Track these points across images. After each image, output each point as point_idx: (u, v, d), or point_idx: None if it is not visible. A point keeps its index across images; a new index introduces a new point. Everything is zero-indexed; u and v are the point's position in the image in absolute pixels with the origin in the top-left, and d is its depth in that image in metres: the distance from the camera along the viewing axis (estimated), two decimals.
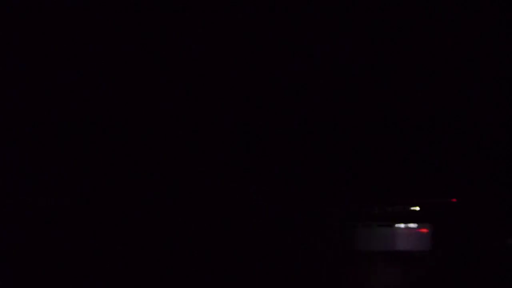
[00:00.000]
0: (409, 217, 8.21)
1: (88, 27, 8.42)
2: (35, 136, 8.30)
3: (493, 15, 8.32)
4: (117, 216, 8.30)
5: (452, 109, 8.10)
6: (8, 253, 7.88)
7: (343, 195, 8.00)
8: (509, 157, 8.08)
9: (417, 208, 8.14)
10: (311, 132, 8.16)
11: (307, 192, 8.00)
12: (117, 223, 8.27)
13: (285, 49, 8.49)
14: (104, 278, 7.99)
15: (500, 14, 8.28)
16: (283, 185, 8.05)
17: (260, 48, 8.51)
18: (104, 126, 8.42)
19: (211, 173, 8.37)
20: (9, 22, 8.31)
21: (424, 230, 8.24)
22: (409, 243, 8.26)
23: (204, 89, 8.54)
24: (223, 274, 7.88)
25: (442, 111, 8.12)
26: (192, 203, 8.33)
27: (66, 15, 8.39)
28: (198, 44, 8.51)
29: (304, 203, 8.00)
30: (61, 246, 8.04)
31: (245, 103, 8.46)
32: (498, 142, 8.05)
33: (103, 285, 7.94)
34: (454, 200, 8.10)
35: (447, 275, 7.77)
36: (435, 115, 8.12)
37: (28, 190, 8.16)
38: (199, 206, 8.33)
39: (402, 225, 8.24)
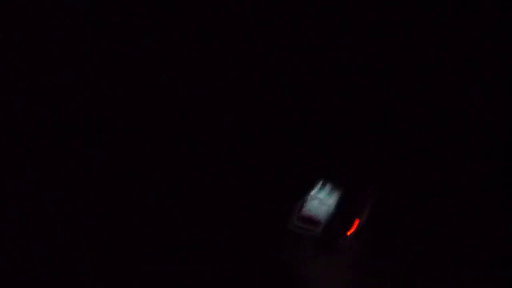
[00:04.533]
0: None
1: (87, 27, 8.45)
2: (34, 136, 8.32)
3: (493, 15, 8.37)
4: (117, 216, 8.31)
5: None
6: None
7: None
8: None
9: None
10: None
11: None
12: (117, 223, 8.29)
13: (285, 49, 8.53)
14: (104, 278, 8.00)
15: (500, 14, 8.33)
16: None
17: (260, 48, 8.55)
18: (104, 126, 8.45)
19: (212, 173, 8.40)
20: (9, 22, 8.34)
21: None
22: None
23: (203, 89, 8.57)
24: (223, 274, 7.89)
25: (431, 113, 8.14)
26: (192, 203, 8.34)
27: (66, 15, 8.42)
28: (198, 44, 8.55)
29: None
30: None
31: (244, 103, 8.49)
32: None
33: (103, 285, 7.96)
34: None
35: None
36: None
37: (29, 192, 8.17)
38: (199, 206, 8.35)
39: None
